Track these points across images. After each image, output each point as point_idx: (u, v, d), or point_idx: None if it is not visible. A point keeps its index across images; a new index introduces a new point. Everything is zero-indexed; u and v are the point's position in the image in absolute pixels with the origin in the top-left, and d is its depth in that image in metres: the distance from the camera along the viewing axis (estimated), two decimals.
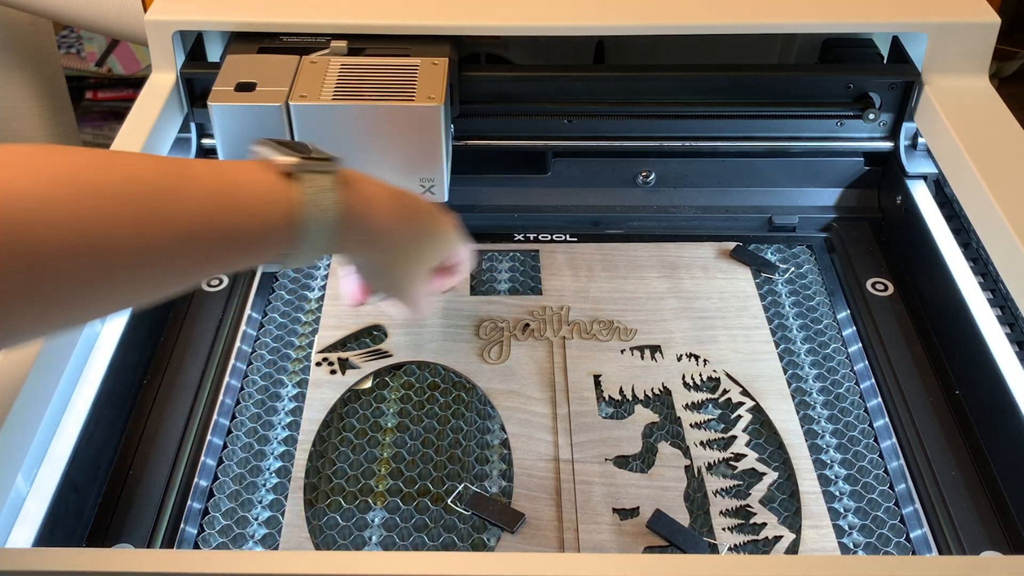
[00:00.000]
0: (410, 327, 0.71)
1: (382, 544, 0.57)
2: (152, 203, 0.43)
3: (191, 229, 0.44)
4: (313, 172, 0.49)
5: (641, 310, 0.72)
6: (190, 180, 0.45)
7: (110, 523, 0.57)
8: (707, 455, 0.62)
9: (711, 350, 0.69)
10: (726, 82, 0.77)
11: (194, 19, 0.75)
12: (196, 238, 0.45)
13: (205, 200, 0.45)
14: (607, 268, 0.76)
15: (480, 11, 0.75)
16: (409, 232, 0.56)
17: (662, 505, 0.58)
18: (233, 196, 0.46)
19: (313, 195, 0.48)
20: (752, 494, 0.59)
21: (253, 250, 0.48)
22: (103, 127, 2.07)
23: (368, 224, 0.52)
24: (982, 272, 0.70)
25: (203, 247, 0.45)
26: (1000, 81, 2.12)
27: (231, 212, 0.46)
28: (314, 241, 0.49)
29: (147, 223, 0.43)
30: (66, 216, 0.40)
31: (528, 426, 0.63)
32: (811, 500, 0.59)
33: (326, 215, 0.49)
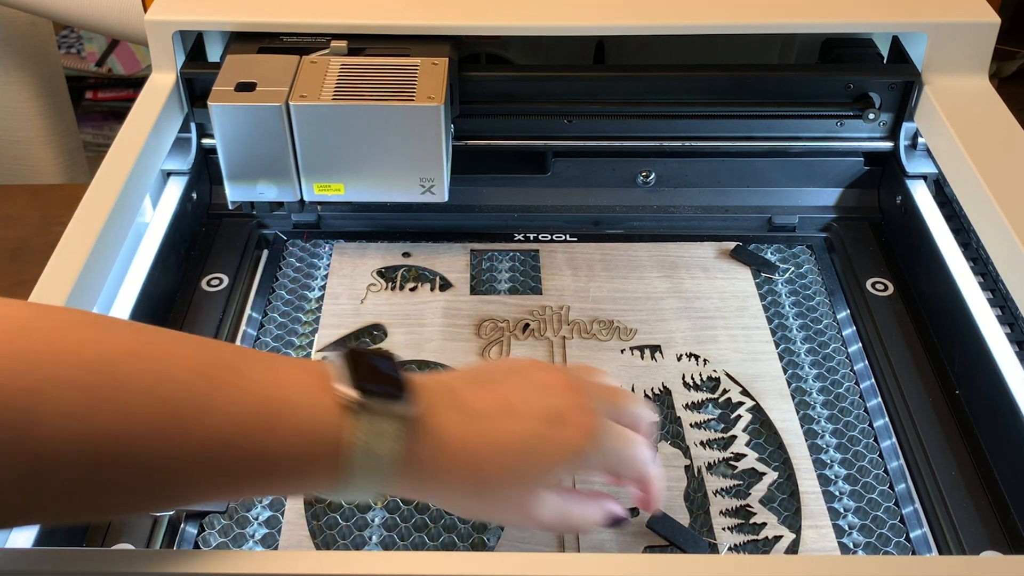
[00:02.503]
0: (411, 326, 0.71)
1: (382, 544, 0.57)
2: (180, 410, 0.38)
3: (217, 448, 0.39)
4: (375, 414, 0.41)
5: (641, 310, 0.72)
6: (231, 389, 0.39)
7: (110, 523, 0.57)
8: (707, 455, 0.62)
9: (711, 350, 0.69)
10: (726, 82, 0.77)
11: (194, 19, 0.75)
12: (221, 458, 0.39)
13: (240, 419, 0.39)
14: (607, 268, 0.76)
15: (480, 11, 0.75)
16: (492, 478, 0.45)
17: (662, 505, 0.58)
18: (274, 419, 0.40)
19: (366, 440, 0.41)
20: (752, 494, 0.59)
21: (285, 483, 0.43)
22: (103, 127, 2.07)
23: (431, 477, 0.44)
24: (982, 272, 0.70)
25: (227, 470, 0.40)
26: (1000, 81, 2.12)
27: (266, 438, 0.40)
28: (358, 488, 0.42)
29: (169, 432, 0.38)
30: (79, 408, 0.36)
31: None
32: (811, 500, 0.59)
33: (376, 466, 0.42)
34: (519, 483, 0.46)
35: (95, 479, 0.38)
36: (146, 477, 0.39)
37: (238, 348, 0.43)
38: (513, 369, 0.49)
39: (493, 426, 0.45)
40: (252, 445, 0.40)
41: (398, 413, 0.42)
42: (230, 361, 0.40)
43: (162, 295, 0.72)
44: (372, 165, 0.70)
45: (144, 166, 0.70)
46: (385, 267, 0.76)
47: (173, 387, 0.38)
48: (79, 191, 0.65)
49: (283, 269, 0.77)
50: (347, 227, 0.80)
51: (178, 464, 0.39)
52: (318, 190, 0.72)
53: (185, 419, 0.38)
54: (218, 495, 0.42)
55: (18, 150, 1.33)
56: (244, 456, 0.40)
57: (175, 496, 0.42)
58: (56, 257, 0.60)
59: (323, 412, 0.41)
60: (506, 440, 0.45)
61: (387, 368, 0.43)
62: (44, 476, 0.37)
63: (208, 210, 0.81)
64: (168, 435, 0.38)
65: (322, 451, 0.41)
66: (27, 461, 0.36)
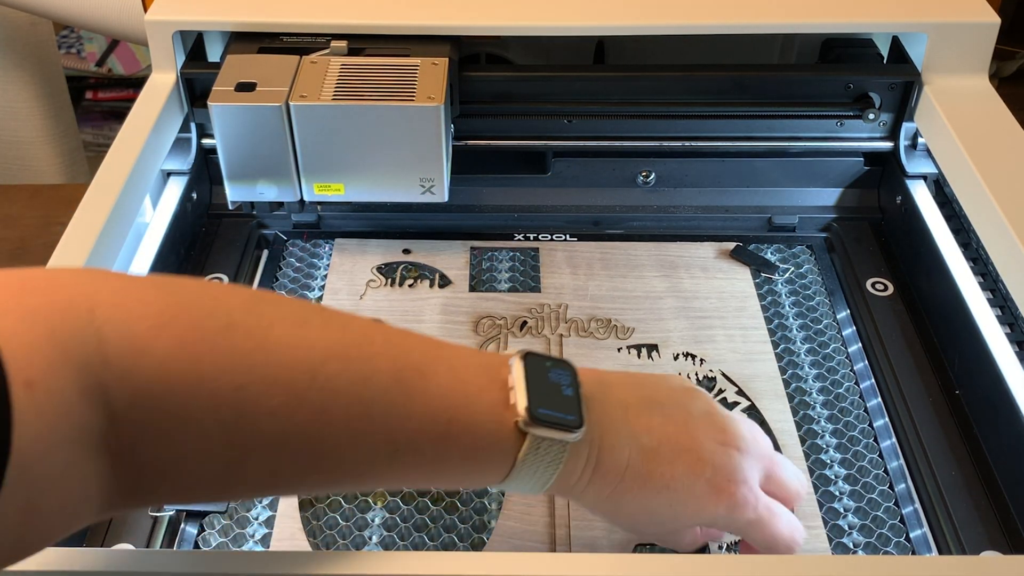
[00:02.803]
0: (409, 323, 0.71)
1: (382, 544, 0.57)
2: (372, 411, 0.40)
3: (399, 448, 0.41)
4: (547, 441, 0.43)
5: (639, 309, 0.72)
6: (420, 396, 0.41)
7: (110, 523, 0.57)
8: None
9: (708, 350, 0.69)
10: (726, 82, 0.77)
11: (194, 19, 0.75)
12: (401, 457, 0.42)
13: (425, 425, 0.41)
14: (606, 267, 0.76)
15: (480, 11, 0.75)
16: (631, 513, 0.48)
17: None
18: (455, 430, 0.42)
19: (534, 462, 0.43)
20: None
21: (448, 481, 0.46)
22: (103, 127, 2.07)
23: (580, 493, 0.47)
24: (982, 272, 0.70)
25: (403, 468, 0.42)
26: (1000, 81, 2.12)
27: (446, 446, 0.42)
28: (516, 489, 0.46)
29: (358, 431, 0.40)
30: (282, 407, 0.38)
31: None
32: (805, 502, 0.59)
33: (537, 480, 0.44)
34: (654, 521, 0.49)
35: (286, 469, 0.40)
36: (332, 469, 0.41)
37: (427, 347, 0.43)
38: (683, 401, 0.49)
39: (652, 469, 0.46)
40: (431, 450, 0.42)
41: (569, 441, 0.44)
42: (420, 365, 0.42)
43: None
44: (372, 165, 0.70)
45: (144, 166, 0.70)
46: (385, 263, 0.76)
47: (369, 390, 0.40)
48: (79, 191, 0.65)
49: (283, 269, 0.77)
50: (347, 227, 0.80)
51: (362, 460, 0.41)
52: (318, 190, 0.72)
53: (375, 420, 0.40)
54: (387, 485, 0.47)
55: (18, 150, 1.33)
56: (421, 459, 0.42)
57: (349, 484, 0.46)
58: (56, 257, 0.60)
59: (500, 430, 0.43)
60: (657, 486, 0.47)
61: (566, 387, 0.45)
62: (244, 465, 0.39)
63: (208, 210, 0.81)
64: (357, 434, 0.40)
65: (492, 465, 0.43)
66: (229, 453, 0.38)
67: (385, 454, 0.41)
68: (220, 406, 0.37)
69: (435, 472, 0.43)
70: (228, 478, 0.40)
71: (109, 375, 0.35)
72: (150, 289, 0.38)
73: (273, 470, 0.40)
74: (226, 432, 0.38)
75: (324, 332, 0.41)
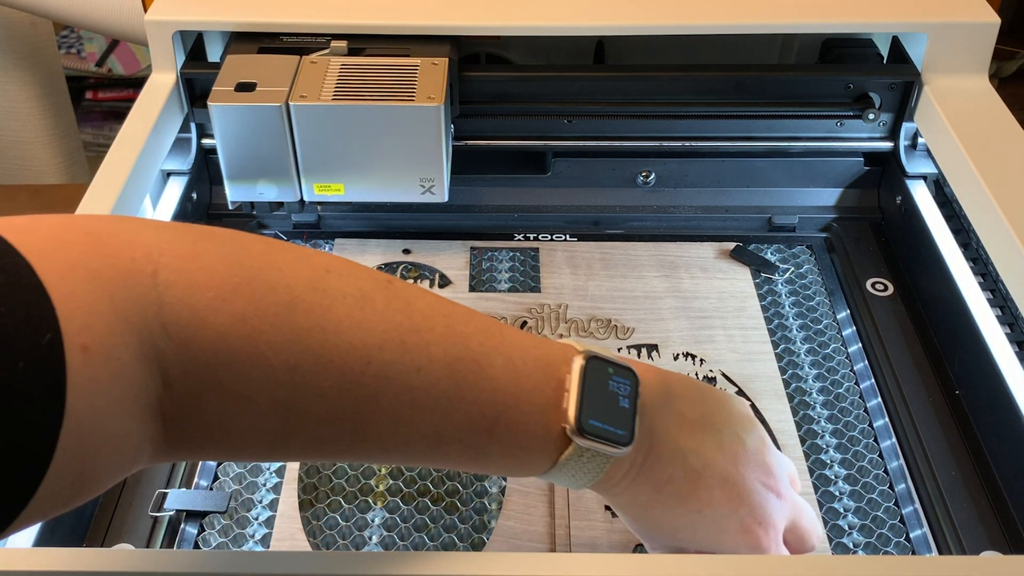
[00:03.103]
0: None
1: (382, 544, 0.57)
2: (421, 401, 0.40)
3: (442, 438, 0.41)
4: (592, 452, 0.43)
5: (639, 309, 0.72)
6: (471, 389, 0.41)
7: (110, 523, 0.57)
8: None
9: (708, 350, 0.69)
10: (726, 82, 0.77)
11: (194, 19, 0.75)
12: (443, 446, 0.41)
13: (471, 419, 0.41)
14: (606, 267, 0.76)
15: (480, 11, 0.75)
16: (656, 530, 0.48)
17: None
18: (501, 427, 0.42)
19: (574, 468, 0.43)
20: None
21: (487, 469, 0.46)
22: (103, 127, 2.07)
23: (612, 498, 0.47)
24: (982, 272, 0.70)
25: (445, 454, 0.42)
26: (1000, 81, 2.12)
27: (489, 441, 0.42)
28: (559, 483, 0.45)
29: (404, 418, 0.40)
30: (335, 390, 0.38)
31: None
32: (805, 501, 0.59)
33: (575, 482, 0.44)
34: (672, 536, 0.48)
35: (329, 446, 0.40)
36: (373, 449, 0.41)
37: (488, 334, 0.42)
38: (739, 430, 0.48)
39: (691, 492, 0.46)
40: (475, 442, 0.42)
41: (611, 454, 0.43)
42: (478, 355, 0.41)
43: None
44: (372, 165, 0.70)
45: (144, 166, 0.70)
46: (385, 264, 0.76)
47: (422, 379, 0.40)
48: (79, 191, 0.65)
49: None
50: (347, 227, 0.80)
51: (405, 443, 0.41)
52: (318, 190, 0.72)
53: (423, 409, 0.40)
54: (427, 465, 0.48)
55: (18, 150, 1.33)
56: (463, 448, 0.42)
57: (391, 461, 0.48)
58: None
59: (547, 433, 0.42)
60: (691, 509, 0.46)
61: (623, 397, 0.44)
62: (289, 438, 0.39)
63: (208, 210, 0.81)
64: (403, 421, 0.40)
65: (533, 462, 0.43)
66: (277, 427, 0.38)
67: (428, 441, 0.41)
68: (273, 384, 0.37)
69: (475, 461, 0.43)
70: (273, 447, 0.40)
71: (167, 344, 0.35)
72: (216, 256, 0.38)
73: (317, 445, 0.40)
74: (276, 408, 0.38)
75: (385, 314, 0.40)
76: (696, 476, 0.45)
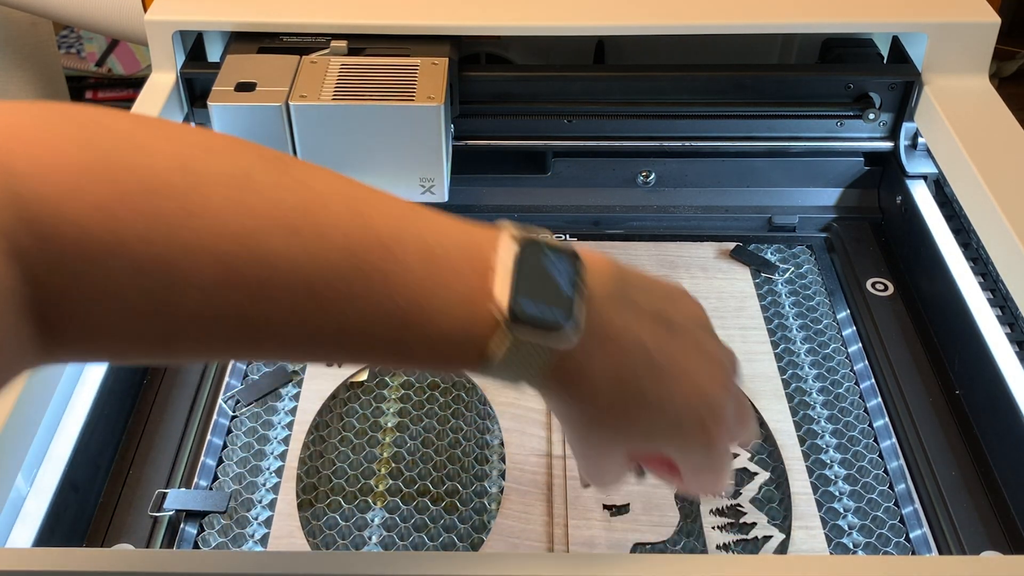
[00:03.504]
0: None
1: (382, 544, 0.57)
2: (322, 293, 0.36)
3: (352, 334, 0.37)
4: (528, 340, 0.38)
5: None
6: (380, 282, 0.36)
7: (110, 523, 0.57)
8: None
9: None
10: (726, 82, 0.77)
11: (194, 19, 0.75)
12: (354, 342, 0.37)
13: (382, 313, 0.36)
14: None
15: (480, 11, 0.75)
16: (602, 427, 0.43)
17: (653, 502, 0.58)
18: (418, 321, 0.37)
19: (508, 358, 0.38)
20: (743, 493, 0.59)
21: (416, 367, 0.40)
22: None
23: (556, 396, 0.41)
24: (982, 272, 0.70)
25: (359, 351, 0.38)
26: (1000, 81, 2.12)
27: (405, 336, 0.37)
28: (495, 379, 0.40)
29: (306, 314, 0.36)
30: (216, 283, 0.34)
31: (521, 421, 0.63)
32: (802, 501, 0.59)
33: (514, 375, 0.39)
34: (630, 445, 0.44)
35: (219, 344, 0.37)
36: (273, 347, 0.37)
37: (398, 216, 0.38)
38: (695, 328, 0.45)
39: (658, 390, 0.42)
40: (389, 336, 0.37)
41: (553, 344, 0.38)
42: (386, 239, 0.37)
43: None
44: (372, 165, 0.70)
45: None
46: None
47: (319, 269, 0.35)
48: None
49: None
50: None
51: (309, 341, 0.37)
52: None
53: (323, 301, 0.36)
54: (344, 361, 0.41)
55: None
56: (375, 343, 0.37)
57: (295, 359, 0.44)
58: None
59: (473, 322, 0.37)
60: (649, 414, 0.42)
61: (562, 280, 0.38)
62: (175, 336, 0.36)
63: None
64: (300, 315, 0.36)
65: (460, 357, 0.38)
66: (158, 324, 0.35)
67: (335, 337, 0.37)
68: (144, 277, 0.33)
69: (394, 357, 0.39)
70: (162, 348, 0.36)
71: (29, 239, 0.32)
72: (70, 139, 0.34)
73: (211, 344, 0.36)
74: (152, 305, 0.34)
75: (273, 195, 0.36)
76: (660, 370, 0.42)
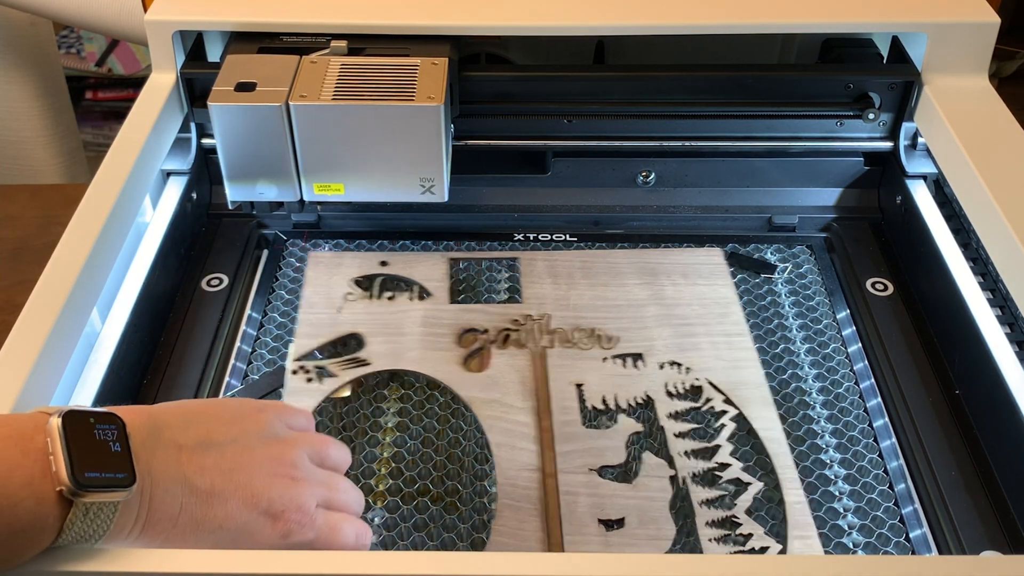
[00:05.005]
0: (389, 335, 0.70)
1: (382, 544, 0.57)
2: None
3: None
4: (95, 503, 0.41)
5: (622, 317, 0.72)
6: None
7: None
8: (692, 464, 0.61)
9: (693, 358, 0.68)
10: (726, 82, 0.77)
11: (194, 19, 0.75)
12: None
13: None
14: (587, 275, 0.75)
15: (480, 11, 0.75)
16: (201, 546, 0.47)
17: (648, 515, 0.58)
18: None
19: (81, 527, 0.41)
20: (738, 504, 0.59)
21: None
22: (103, 127, 2.07)
23: (140, 542, 0.45)
24: (982, 272, 0.70)
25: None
26: (1000, 81, 2.12)
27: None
28: (72, 546, 0.42)
29: None
30: None
31: (511, 436, 0.63)
32: (797, 510, 0.58)
33: (89, 540, 0.42)
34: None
35: None
36: None
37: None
38: (240, 434, 0.49)
39: (205, 513, 0.46)
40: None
41: (119, 499, 0.42)
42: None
43: (162, 295, 0.72)
44: (372, 165, 0.70)
45: (144, 166, 0.70)
46: (363, 276, 0.75)
47: None
48: (79, 191, 0.65)
49: (283, 269, 0.77)
50: (347, 227, 0.80)
51: None
52: (318, 190, 0.72)
53: None
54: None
55: (18, 150, 1.33)
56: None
57: None
58: (56, 257, 0.60)
59: (41, 505, 0.40)
60: (212, 527, 0.46)
61: (113, 442, 0.42)
62: None
63: (208, 210, 0.81)
64: None
65: (37, 538, 0.40)
66: None
67: None
68: None
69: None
70: None
71: None
72: None
73: None
74: None
75: None
76: (207, 496, 0.45)
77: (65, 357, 0.59)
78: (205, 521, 0.46)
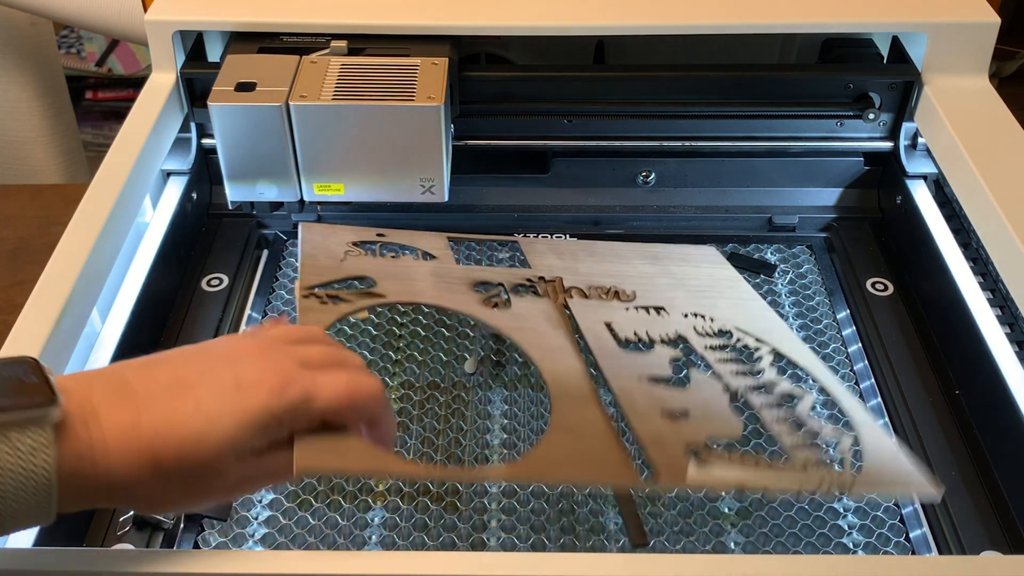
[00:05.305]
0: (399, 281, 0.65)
1: (382, 544, 0.57)
2: None
3: None
4: (21, 426, 0.37)
5: (635, 284, 0.70)
6: None
7: (110, 523, 0.57)
8: (741, 381, 0.61)
9: (714, 313, 0.68)
10: (726, 82, 0.77)
11: (194, 19, 0.75)
12: None
13: None
14: (592, 256, 0.74)
15: (480, 11, 0.75)
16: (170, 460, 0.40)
17: (710, 412, 0.56)
18: None
19: (17, 460, 0.37)
20: (798, 408, 0.59)
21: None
22: (103, 127, 2.07)
23: (106, 475, 0.39)
24: (982, 272, 0.70)
25: None
26: (1000, 81, 2.12)
27: None
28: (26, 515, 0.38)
29: None
30: None
31: (552, 352, 0.60)
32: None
33: (39, 481, 0.37)
34: (202, 462, 0.41)
35: None
36: None
37: None
38: (192, 349, 0.44)
39: (164, 407, 0.40)
40: None
41: (49, 418, 0.38)
42: None
43: (162, 295, 0.72)
44: (372, 165, 0.70)
45: (144, 166, 0.70)
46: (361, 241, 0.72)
47: None
48: (79, 191, 0.65)
49: (283, 269, 0.77)
50: None
51: None
52: (318, 190, 0.72)
53: None
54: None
55: (18, 150, 1.33)
56: None
57: None
58: (56, 257, 0.60)
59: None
60: (179, 418, 0.40)
61: (26, 376, 0.39)
62: None
63: (208, 210, 0.81)
64: None
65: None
66: None
67: None
68: None
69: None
70: None
71: None
72: None
73: None
74: None
75: None
76: (151, 396, 0.41)
77: (65, 357, 0.59)
78: (161, 416, 0.40)
